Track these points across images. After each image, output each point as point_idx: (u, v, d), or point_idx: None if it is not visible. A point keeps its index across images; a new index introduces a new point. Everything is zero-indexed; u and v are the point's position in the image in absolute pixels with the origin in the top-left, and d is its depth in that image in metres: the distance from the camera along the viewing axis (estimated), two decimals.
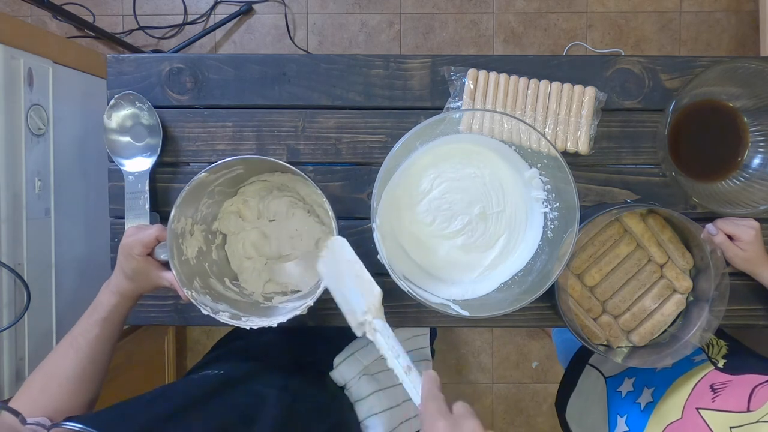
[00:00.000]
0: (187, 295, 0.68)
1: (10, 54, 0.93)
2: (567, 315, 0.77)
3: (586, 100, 0.81)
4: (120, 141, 0.82)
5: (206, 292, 0.72)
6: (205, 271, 0.75)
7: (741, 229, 0.77)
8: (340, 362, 0.86)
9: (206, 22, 1.86)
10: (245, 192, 0.80)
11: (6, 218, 0.93)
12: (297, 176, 0.70)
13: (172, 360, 1.66)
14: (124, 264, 0.70)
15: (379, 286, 0.85)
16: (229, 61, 0.85)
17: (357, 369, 0.86)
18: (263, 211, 0.80)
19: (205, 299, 0.70)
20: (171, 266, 0.68)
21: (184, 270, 0.70)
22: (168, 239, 0.68)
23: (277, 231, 0.80)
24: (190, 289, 0.69)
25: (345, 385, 0.86)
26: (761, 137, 0.81)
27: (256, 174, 0.78)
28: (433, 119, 0.69)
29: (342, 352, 0.88)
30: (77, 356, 0.68)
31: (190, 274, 0.71)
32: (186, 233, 0.72)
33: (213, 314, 0.68)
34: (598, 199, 0.85)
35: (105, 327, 0.70)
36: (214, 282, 0.75)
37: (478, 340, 1.88)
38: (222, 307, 0.71)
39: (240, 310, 0.72)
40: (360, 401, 0.85)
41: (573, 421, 0.99)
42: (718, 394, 0.71)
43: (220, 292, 0.75)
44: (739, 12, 1.83)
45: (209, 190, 0.74)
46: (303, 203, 0.81)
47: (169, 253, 0.68)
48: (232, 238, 0.81)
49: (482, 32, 1.84)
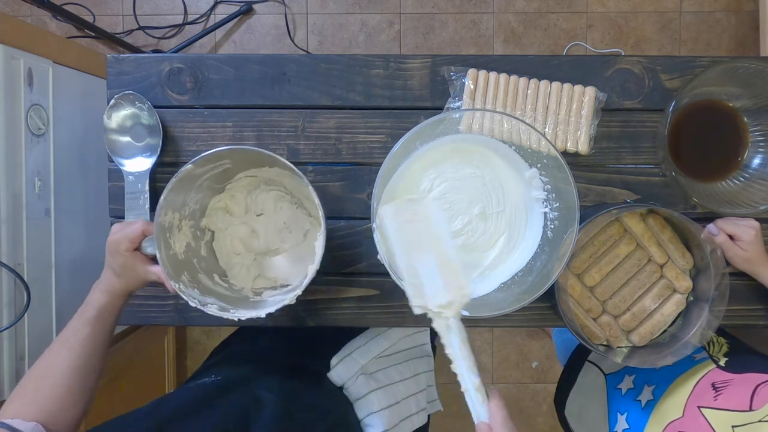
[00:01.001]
0: (174, 288, 0.68)
1: (10, 54, 0.93)
2: (567, 315, 0.77)
3: (586, 100, 0.81)
4: (120, 141, 0.82)
5: (194, 286, 0.71)
6: (193, 266, 0.75)
7: (741, 229, 0.77)
8: (337, 363, 0.86)
9: (206, 22, 1.85)
10: (232, 188, 0.80)
11: (6, 218, 0.93)
12: (284, 170, 0.70)
13: (172, 360, 1.66)
14: (111, 261, 0.71)
15: (379, 286, 0.85)
16: (229, 61, 0.85)
17: (354, 369, 0.86)
18: (251, 206, 0.80)
19: (193, 292, 0.70)
20: (158, 259, 0.68)
21: (171, 263, 0.70)
22: (155, 232, 0.68)
23: (265, 225, 0.80)
24: (178, 282, 0.68)
25: (343, 385, 0.86)
26: (761, 137, 0.81)
27: (243, 169, 0.78)
28: (433, 119, 0.69)
29: (339, 352, 0.88)
30: (70, 356, 0.67)
31: (178, 268, 0.71)
32: (174, 228, 0.72)
33: (201, 306, 0.68)
34: (598, 199, 0.85)
35: (96, 326, 0.69)
36: (203, 277, 0.75)
37: (478, 340, 1.88)
38: (210, 300, 0.71)
39: (229, 304, 0.72)
40: (359, 400, 0.85)
41: (572, 418, 0.99)
42: (720, 392, 0.71)
43: (209, 288, 0.75)
44: (739, 12, 1.83)
45: (197, 184, 0.74)
46: (291, 197, 0.81)
47: (156, 246, 0.68)
48: (219, 234, 0.81)
49: (482, 32, 1.84)
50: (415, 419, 0.91)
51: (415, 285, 0.58)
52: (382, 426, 0.84)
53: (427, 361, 1.00)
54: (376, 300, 0.85)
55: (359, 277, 0.85)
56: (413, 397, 0.92)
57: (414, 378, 0.94)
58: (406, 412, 0.90)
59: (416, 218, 0.60)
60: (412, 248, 0.59)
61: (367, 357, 0.88)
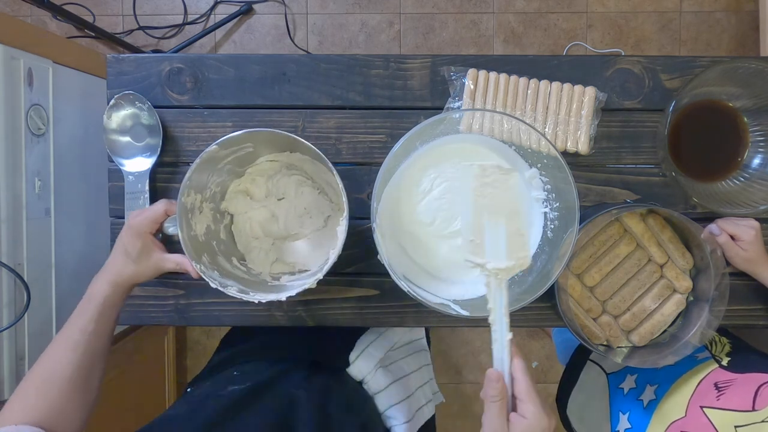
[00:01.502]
0: (196, 269, 0.67)
1: (10, 54, 0.93)
2: (567, 315, 0.77)
3: (586, 100, 0.81)
4: (120, 141, 0.82)
5: (214, 268, 0.71)
6: (213, 248, 0.75)
7: (741, 229, 0.77)
8: (356, 357, 0.87)
9: (206, 22, 1.86)
10: (253, 172, 0.79)
11: (6, 218, 0.93)
12: (305, 156, 0.69)
13: (172, 360, 1.66)
14: (129, 246, 0.70)
15: (379, 286, 0.85)
16: (229, 61, 0.85)
17: (373, 363, 0.87)
18: (272, 190, 0.80)
19: (214, 274, 0.69)
20: (180, 239, 0.67)
21: (193, 245, 0.69)
22: (177, 212, 0.67)
23: (286, 210, 0.80)
24: (199, 263, 0.68)
25: (363, 380, 0.87)
26: (761, 137, 0.81)
27: (264, 153, 0.78)
28: (433, 119, 0.69)
29: (355, 347, 0.88)
30: (75, 355, 0.64)
31: (199, 250, 0.71)
32: (195, 209, 0.72)
33: (221, 288, 0.67)
34: (598, 199, 0.85)
35: (100, 322, 0.67)
36: (222, 260, 0.75)
37: (478, 340, 1.88)
38: (230, 282, 0.70)
39: (248, 287, 0.71)
40: (379, 393, 0.86)
41: (574, 417, 0.99)
42: (723, 392, 0.71)
43: (228, 270, 0.75)
44: (739, 12, 1.83)
45: (218, 167, 0.73)
46: (312, 182, 0.81)
47: (179, 226, 0.67)
48: (239, 218, 0.80)
49: (482, 32, 1.84)
50: (426, 410, 0.93)
51: (476, 243, 0.61)
52: (403, 417, 0.85)
53: (425, 354, 1.02)
54: (376, 300, 0.85)
55: (359, 277, 0.85)
56: (421, 388, 0.94)
57: (419, 370, 0.96)
58: (417, 403, 0.91)
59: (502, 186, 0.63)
60: (486, 210, 0.62)
61: (382, 351, 0.89)
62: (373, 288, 0.85)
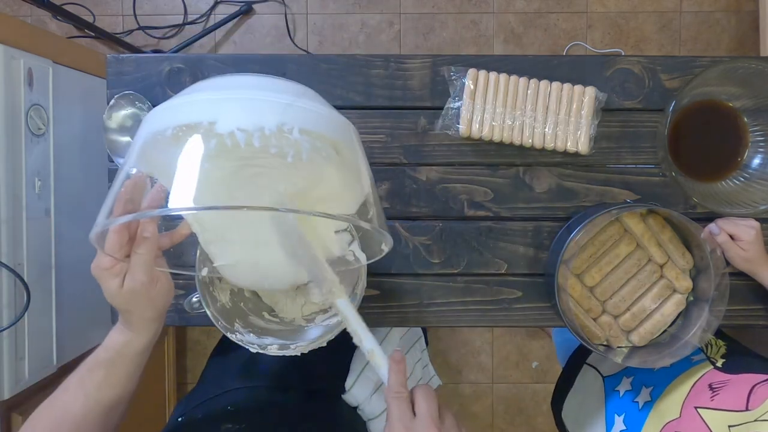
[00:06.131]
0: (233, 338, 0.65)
1: (10, 54, 0.93)
2: (567, 315, 0.77)
3: (586, 100, 0.81)
4: (120, 141, 0.82)
5: (249, 330, 0.69)
6: (242, 311, 0.73)
7: (741, 229, 0.77)
8: (352, 384, 0.86)
9: (206, 22, 1.85)
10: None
11: (6, 218, 0.93)
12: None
13: (172, 360, 1.66)
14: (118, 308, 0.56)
15: (379, 286, 0.85)
16: (229, 61, 0.85)
17: (369, 388, 0.86)
18: None
19: (251, 338, 0.68)
20: (209, 316, 0.65)
21: (223, 316, 0.68)
22: (198, 290, 0.66)
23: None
24: (233, 333, 0.66)
25: (358, 406, 0.86)
26: (761, 137, 0.81)
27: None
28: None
29: (350, 372, 0.87)
30: (86, 401, 0.57)
31: (230, 318, 0.69)
32: (214, 280, 0.69)
33: (261, 350, 0.65)
34: (598, 199, 0.85)
35: (112, 371, 0.57)
36: (254, 319, 0.73)
37: (478, 340, 1.88)
38: (269, 341, 0.68)
39: (287, 339, 0.69)
40: (374, 419, 0.86)
41: (569, 420, 0.99)
42: (717, 393, 0.71)
43: (263, 327, 0.72)
44: (739, 12, 1.83)
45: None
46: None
47: (204, 304, 0.66)
48: None
49: (482, 32, 1.84)
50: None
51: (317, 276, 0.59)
52: None
53: (420, 344, 1.01)
54: (376, 300, 0.85)
55: None
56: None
57: (413, 374, 0.95)
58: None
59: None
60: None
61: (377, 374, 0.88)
62: (373, 288, 0.85)
